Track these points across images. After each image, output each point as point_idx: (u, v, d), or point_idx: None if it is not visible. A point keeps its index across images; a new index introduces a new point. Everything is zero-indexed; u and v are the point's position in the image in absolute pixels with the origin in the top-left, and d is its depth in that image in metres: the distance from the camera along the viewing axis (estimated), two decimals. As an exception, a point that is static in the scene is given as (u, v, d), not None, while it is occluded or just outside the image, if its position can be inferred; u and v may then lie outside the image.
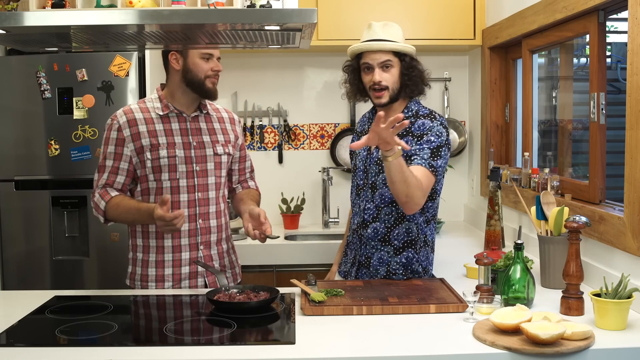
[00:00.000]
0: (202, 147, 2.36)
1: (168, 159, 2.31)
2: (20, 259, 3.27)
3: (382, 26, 2.34)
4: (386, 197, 2.32)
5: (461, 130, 3.92)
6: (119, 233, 3.23)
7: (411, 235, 2.34)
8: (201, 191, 2.35)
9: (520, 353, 1.65)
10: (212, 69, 2.32)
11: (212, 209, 2.38)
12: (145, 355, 1.69)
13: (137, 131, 2.32)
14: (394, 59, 2.32)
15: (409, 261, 2.34)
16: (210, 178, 2.37)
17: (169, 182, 2.32)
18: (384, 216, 2.33)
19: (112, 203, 2.29)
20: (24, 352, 1.72)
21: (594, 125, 2.47)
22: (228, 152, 2.44)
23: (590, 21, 2.48)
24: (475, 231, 3.60)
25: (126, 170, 2.33)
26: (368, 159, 2.37)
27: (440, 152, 2.25)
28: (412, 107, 2.38)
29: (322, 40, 3.54)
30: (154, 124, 2.34)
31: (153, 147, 2.31)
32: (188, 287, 2.36)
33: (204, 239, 2.36)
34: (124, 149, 2.32)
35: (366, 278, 2.38)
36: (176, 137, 2.34)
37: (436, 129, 2.27)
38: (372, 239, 2.36)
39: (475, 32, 3.60)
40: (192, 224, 2.34)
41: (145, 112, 2.36)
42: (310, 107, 3.92)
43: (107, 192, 2.31)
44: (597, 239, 2.28)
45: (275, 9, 1.98)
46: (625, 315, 1.82)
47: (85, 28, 1.88)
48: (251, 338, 1.84)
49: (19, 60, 3.23)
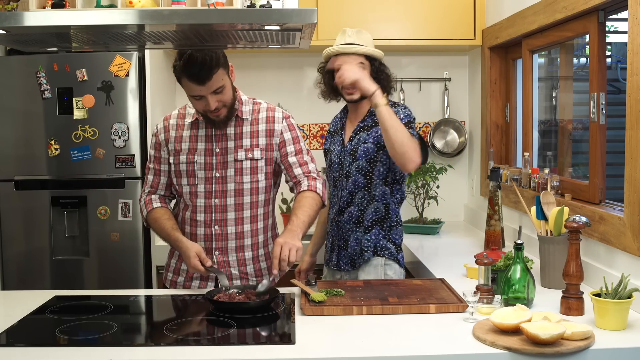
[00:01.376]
0: (224, 153, 2.32)
1: (187, 164, 2.33)
2: (20, 259, 3.27)
3: (356, 32, 2.57)
4: (359, 182, 2.55)
5: (461, 130, 3.92)
6: (119, 233, 3.23)
7: (378, 214, 2.55)
8: (219, 197, 2.32)
9: (520, 353, 1.65)
10: (206, 107, 2.21)
11: (231, 215, 2.32)
12: (145, 355, 1.70)
13: (168, 136, 2.38)
14: (365, 62, 2.55)
15: (377, 237, 2.54)
16: (230, 185, 2.31)
17: (189, 187, 2.34)
18: (357, 200, 2.55)
19: (151, 216, 2.38)
20: (24, 352, 1.72)
21: (594, 125, 2.47)
22: (251, 157, 2.32)
23: (590, 21, 2.48)
24: (475, 231, 3.60)
25: (167, 172, 2.40)
26: (342, 152, 2.60)
27: (412, 126, 2.51)
28: None
29: (322, 40, 3.53)
30: (183, 129, 2.37)
31: (176, 152, 2.35)
32: (197, 287, 2.36)
33: (219, 244, 2.34)
34: (161, 152, 2.39)
35: (346, 260, 2.58)
36: (200, 143, 2.33)
37: (402, 111, 2.52)
38: (347, 222, 2.58)
39: (475, 32, 3.60)
40: (207, 229, 2.33)
41: (181, 117, 2.39)
42: (310, 107, 3.92)
43: (151, 202, 2.40)
44: (597, 239, 2.28)
45: (275, 9, 1.98)
46: (625, 315, 1.82)
47: (85, 28, 1.88)
48: (251, 338, 1.84)
49: (19, 60, 3.23)
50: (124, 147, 3.22)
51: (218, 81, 2.17)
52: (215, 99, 2.20)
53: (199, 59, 2.11)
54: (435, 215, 3.78)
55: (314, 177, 2.38)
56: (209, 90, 2.17)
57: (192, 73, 2.13)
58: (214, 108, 2.21)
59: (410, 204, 3.72)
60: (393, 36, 3.61)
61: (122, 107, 3.21)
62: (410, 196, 3.70)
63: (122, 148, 3.22)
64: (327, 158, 2.71)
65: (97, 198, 3.23)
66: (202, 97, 2.19)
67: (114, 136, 3.22)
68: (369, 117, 2.57)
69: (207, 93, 2.17)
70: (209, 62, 2.12)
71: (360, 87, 2.36)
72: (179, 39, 2.07)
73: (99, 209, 3.23)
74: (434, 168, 3.59)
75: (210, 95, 2.18)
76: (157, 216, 2.36)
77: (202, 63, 2.11)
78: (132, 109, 3.21)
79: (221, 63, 2.17)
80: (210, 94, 2.18)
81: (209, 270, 2.21)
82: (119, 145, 3.22)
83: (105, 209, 3.23)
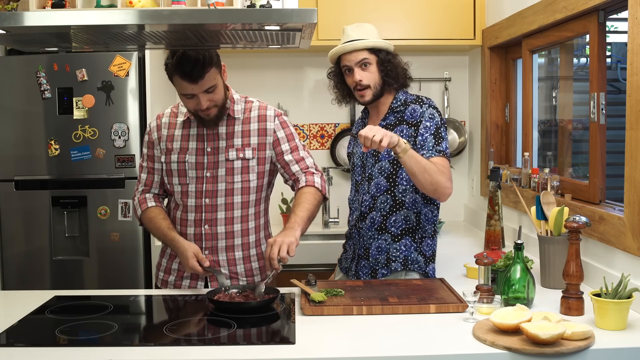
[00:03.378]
0: (215, 152, 2.31)
1: (178, 164, 2.32)
2: (20, 259, 3.27)
3: (355, 28, 2.42)
4: (381, 185, 2.38)
5: (461, 130, 3.92)
6: (119, 233, 3.23)
7: (409, 224, 2.39)
8: (209, 197, 2.31)
9: (520, 353, 1.65)
10: (197, 107, 2.19)
11: (221, 215, 2.32)
12: (145, 355, 1.70)
13: (160, 135, 2.37)
14: (370, 56, 2.39)
15: (408, 249, 2.39)
16: (221, 184, 2.30)
17: (180, 186, 2.34)
18: (380, 204, 2.39)
19: (146, 215, 2.37)
20: (24, 352, 1.72)
21: (594, 125, 2.47)
22: (242, 156, 2.30)
23: (590, 21, 2.48)
24: (475, 231, 3.60)
25: (160, 170, 2.40)
26: (365, 153, 2.43)
27: (440, 134, 2.33)
28: (399, 97, 2.44)
29: (322, 40, 3.54)
30: (175, 128, 2.36)
31: (167, 152, 2.35)
32: (188, 287, 2.36)
33: (209, 244, 2.33)
34: (154, 150, 2.39)
35: (366, 270, 2.42)
36: (191, 142, 2.33)
37: (428, 113, 2.35)
38: (369, 229, 2.41)
39: (475, 32, 3.60)
40: (197, 229, 2.33)
41: (173, 116, 2.39)
42: (310, 107, 3.93)
43: (145, 200, 2.39)
44: (597, 239, 2.28)
45: (275, 9, 1.98)
46: (625, 315, 1.82)
47: (85, 28, 1.88)
48: (251, 338, 1.84)
49: (19, 60, 3.23)
50: (124, 147, 3.22)
51: (210, 80, 2.15)
52: (207, 98, 2.18)
53: (192, 57, 2.10)
54: (435, 215, 3.77)
55: (311, 172, 2.36)
56: (200, 89, 2.15)
57: (184, 71, 2.11)
58: (205, 107, 2.19)
59: (410, 204, 3.72)
60: (393, 36, 3.59)
61: (122, 107, 3.21)
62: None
63: (122, 148, 3.22)
64: (350, 161, 2.59)
65: (97, 198, 3.23)
66: (193, 95, 2.17)
67: (114, 136, 3.22)
68: (391, 114, 2.41)
69: (199, 92, 2.15)
70: (202, 61, 2.11)
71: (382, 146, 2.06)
72: (179, 39, 2.07)
73: (99, 209, 3.23)
74: (434, 168, 3.58)
75: (201, 94, 2.16)
76: (152, 215, 2.36)
77: (195, 61, 2.10)
78: (132, 109, 3.21)
79: (214, 62, 2.15)
80: (202, 92, 2.16)
81: (207, 271, 2.20)
82: (119, 145, 3.22)
83: (105, 209, 3.23)
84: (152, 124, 2.42)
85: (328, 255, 3.29)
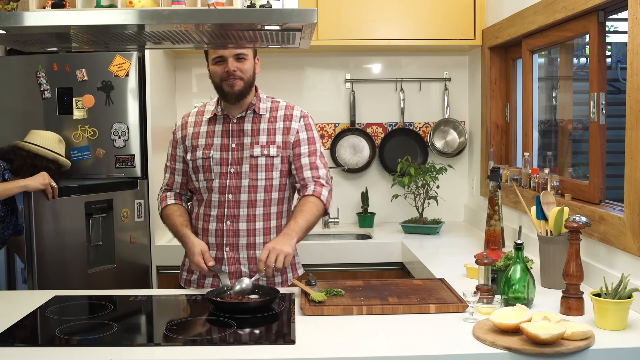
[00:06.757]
0: (240, 149, 2.32)
1: (203, 159, 2.35)
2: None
3: None
4: None
5: (461, 130, 3.92)
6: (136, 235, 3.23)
7: None
8: (232, 193, 2.31)
9: (520, 353, 1.65)
10: (225, 71, 2.26)
11: (243, 211, 2.32)
12: (145, 355, 1.70)
13: (186, 133, 2.41)
14: None
15: None
16: (244, 180, 2.31)
17: (205, 182, 2.36)
18: None
19: (164, 212, 2.44)
20: (24, 352, 1.72)
21: (594, 125, 2.47)
22: (267, 153, 2.31)
23: (590, 21, 2.48)
24: (475, 231, 3.60)
25: (182, 171, 2.44)
26: None
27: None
28: None
29: (322, 40, 3.54)
30: (201, 126, 2.39)
31: (193, 149, 2.38)
32: (210, 285, 2.36)
33: (230, 240, 2.33)
34: (177, 150, 2.44)
35: None
36: (216, 138, 2.35)
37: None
38: None
39: (475, 32, 3.60)
40: (219, 225, 2.34)
41: (199, 115, 2.43)
42: (310, 107, 3.92)
43: (166, 198, 2.45)
44: (597, 239, 2.28)
45: (275, 9, 1.98)
46: (625, 315, 1.82)
47: (85, 28, 1.88)
48: (251, 338, 1.84)
49: (19, 60, 3.23)
50: (124, 147, 3.22)
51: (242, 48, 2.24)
52: (236, 65, 2.26)
53: None
54: (435, 215, 3.78)
55: (321, 183, 2.34)
56: (231, 52, 2.24)
57: None
58: (233, 70, 2.25)
59: (410, 204, 3.72)
60: (393, 36, 3.61)
61: (122, 107, 3.21)
62: (410, 196, 3.70)
63: (122, 148, 3.22)
64: None
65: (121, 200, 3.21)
66: (223, 60, 2.25)
67: (113, 136, 3.22)
68: None
69: (229, 55, 2.25)
70: None
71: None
72: (179, 39, 2.08)
73: (122, 211, 3.22)
74: (434, 168, 3.59)
75: (231, 59, 2.25)
76: (170, 212, 2.41)
77: None
78: (132, 109, 3.21)
79: None
80: (233, 56, 2.25)
81: (211, 270, 2.21)
82: (119, 145, 3.22)
83: (127, 212, 3.22)
84: (177, 122, 2.47)
85: (328, 255, 3.29)
